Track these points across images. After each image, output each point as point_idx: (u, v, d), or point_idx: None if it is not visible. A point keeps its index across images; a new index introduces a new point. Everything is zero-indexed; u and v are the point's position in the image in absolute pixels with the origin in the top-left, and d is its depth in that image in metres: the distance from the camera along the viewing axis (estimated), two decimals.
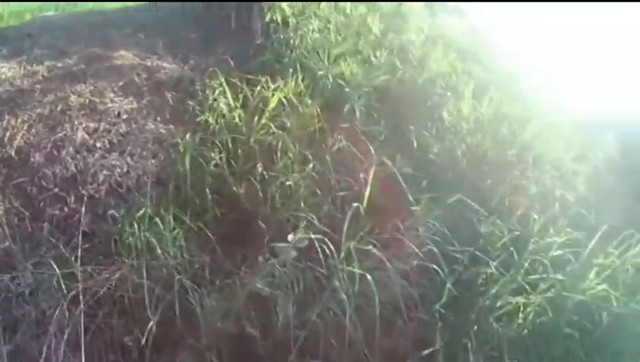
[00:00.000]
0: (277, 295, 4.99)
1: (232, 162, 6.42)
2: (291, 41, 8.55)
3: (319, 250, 5.00)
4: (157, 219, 5.33)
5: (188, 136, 6.31)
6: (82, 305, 4.64)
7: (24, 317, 5.01)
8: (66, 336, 4.55)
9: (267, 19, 8.99)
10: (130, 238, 5.26)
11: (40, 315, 5.02)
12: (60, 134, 6.58)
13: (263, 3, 9.04)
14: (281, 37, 8.67)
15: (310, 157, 6.33)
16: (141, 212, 5.37)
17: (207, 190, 5.97)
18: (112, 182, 6.25)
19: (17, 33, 9.02)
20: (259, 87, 6.99)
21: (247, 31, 9.01)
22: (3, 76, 7.50)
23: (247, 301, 5.03)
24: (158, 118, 7.14)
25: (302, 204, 5.89)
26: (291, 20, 8.97)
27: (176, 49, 8.52)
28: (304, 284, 5.10)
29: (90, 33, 8.87)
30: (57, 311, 4.69)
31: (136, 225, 5.27)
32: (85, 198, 6.01)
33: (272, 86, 6.97)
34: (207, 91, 7.18)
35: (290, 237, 5.19)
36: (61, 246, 5.52)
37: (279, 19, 8.95)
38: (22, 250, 5.55)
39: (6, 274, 5.31)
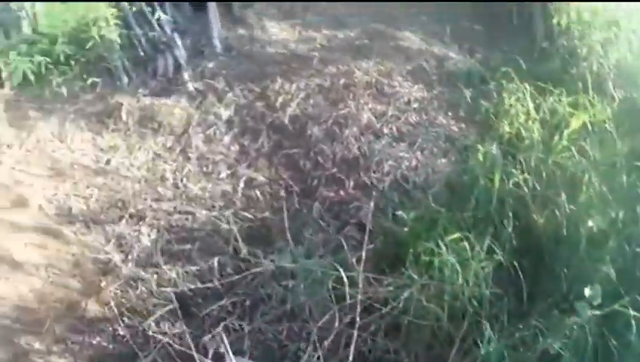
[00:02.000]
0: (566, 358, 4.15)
1: (534, 183, 5.53)
2: (578, 51, 7.53)
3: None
4: (465, 244, 4.56)
5: (494, 147, 5.44)
6: (358, 318, 4.03)
7: (269, 297, 4.73)
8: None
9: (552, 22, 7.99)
10: (433, 257, 4.52)
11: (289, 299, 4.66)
12: (344, 111, 6.12)
13: (549, 4, 8.09)
14: (565, 44, 7.70)
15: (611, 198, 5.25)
16: (454, 236, 4.59)
17: (509, 213, 5.04)
18: (397, 174, 5.70)
19: None
20: (551, 98, 6.14)
21: (528, 29, 8.25)
22: (274, 37, 7.22)
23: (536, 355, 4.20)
24: (450, 113, 6.53)
25: (606, 255, 4.78)
26: (575, 28, 7.91)
27: (461, 39, 7.83)
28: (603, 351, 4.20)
29: (367, 6, 8.24)
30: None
31: (442, 245, 4.51)
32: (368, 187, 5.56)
33: (564, 100, 6.08)
34: (504, 95, 6.33)
35: (587, 291, 4.21)
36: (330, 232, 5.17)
37: (563, 24, 7.96)
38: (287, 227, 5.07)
39: (262, 247, 4.98)
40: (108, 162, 5.97)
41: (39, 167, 5.88)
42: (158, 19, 6.92)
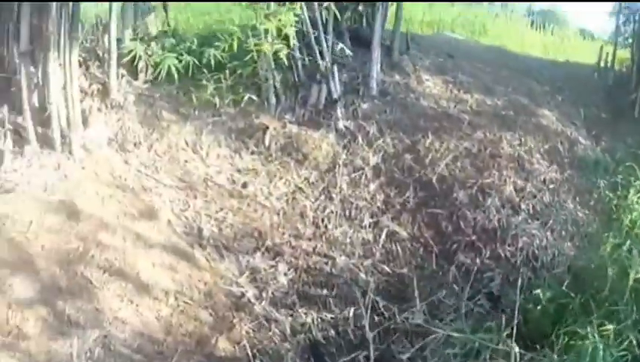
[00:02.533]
0: None
1: None
2: None
3: None
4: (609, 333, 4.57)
5: (628, 243, 5.36)
6: None
7: (400, 355, 4.83)
8: None
9: None
10: (578, 341, 4.52)
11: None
12: (488, 180, 6.29)
13: None
14: None
15: None
16: (608, 326, 4.55)
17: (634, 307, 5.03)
18: (529, 251, 5.86)
19: (432, 46, 8.83)
20: None
21: None
22: (428, 90, 7.34)
23: None
24: (577, 198, 6.64)
25: None
26: None
27: (589, 124, 7.94)
28: None
29: (510, 77, 8.50)
30: None
31: (590, 330, 4.51)
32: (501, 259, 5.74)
33: None
34: (631, 191, 6.24)
35: None
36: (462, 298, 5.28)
37: None
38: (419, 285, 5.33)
39: (396, 303, 5.18)
40: (245, 185, 6.00)
41: (169, 175, 5.88)
42: (321, 48, 6.76)
